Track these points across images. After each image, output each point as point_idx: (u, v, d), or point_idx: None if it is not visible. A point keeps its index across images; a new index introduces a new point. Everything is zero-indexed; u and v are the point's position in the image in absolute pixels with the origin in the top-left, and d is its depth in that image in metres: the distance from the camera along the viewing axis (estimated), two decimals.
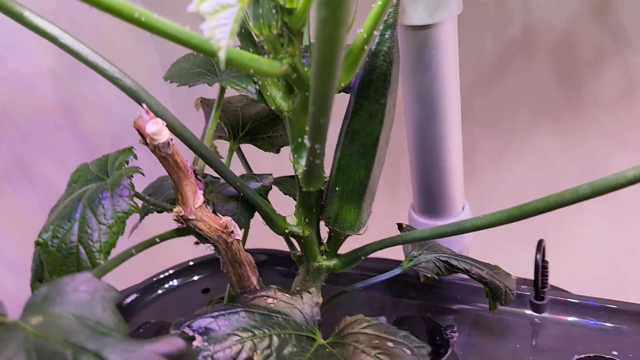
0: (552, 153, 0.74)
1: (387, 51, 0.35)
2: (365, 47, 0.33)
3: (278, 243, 0.56)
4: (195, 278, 0.66)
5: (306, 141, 0.29)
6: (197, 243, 0.41)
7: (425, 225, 0.56)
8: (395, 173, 0.79)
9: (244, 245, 0.44)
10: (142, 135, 0.31)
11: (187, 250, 0.72)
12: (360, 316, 0.33)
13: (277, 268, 0.65)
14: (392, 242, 0.39)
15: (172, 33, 0.26)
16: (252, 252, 0.42)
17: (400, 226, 0.51)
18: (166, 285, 0.64)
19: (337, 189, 0.38)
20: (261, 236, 0.46)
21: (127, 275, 0.62)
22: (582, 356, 0.47)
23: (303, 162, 0.36)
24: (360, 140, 0.37)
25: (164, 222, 0.44)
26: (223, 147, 0.52)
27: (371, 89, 0.36)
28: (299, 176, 0.36)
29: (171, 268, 0.66)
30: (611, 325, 0.50)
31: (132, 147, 0.38)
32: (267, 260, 0.66)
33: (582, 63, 0.67)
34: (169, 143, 0.31)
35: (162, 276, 0.65)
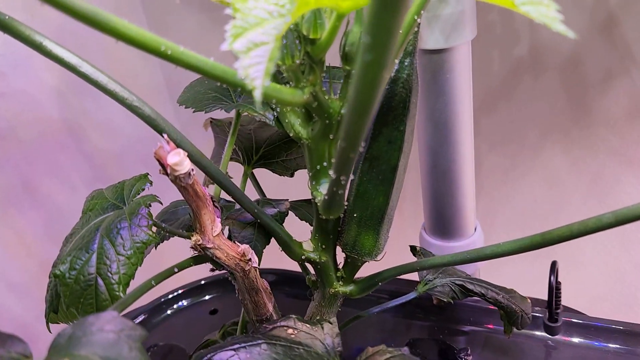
0: (560, 171, 0.74)
1: (406, 78, 0.35)
2: (386, 74, 0.33)
3: (283, 261, 0.56)
4: (206, 298, 0.66)
5: (331, 173, 0.29)
6: (212, 270, 0.40)
7: (437, 246, 0.56)
8: (402, 191, 0.79)
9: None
10: (163, 165, 0.30)
11: (192, 270, 0.71)
12: (382, 347, 0.32)
13: (286, 289, 0.65)
14: (411, 268, 0.39)
15: (198, 65, 0.26)
16: (261, 271, 0.41)
17: (413, 249, 0.51)
18: (175, 306, 0.64)
19: (355, 215, 0.38)
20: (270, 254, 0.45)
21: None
22: None
23: (322, 189, 0.36)
24: (379, 167, 0.36)
25: (177, 246, 0.44)
26: (233, 169, 0.52)
27: (390, 115, 0.36)
28: (319, 204, 0.35)
29: (180, 288, 0.65)
30: (626, 347, 0.49)
31: (148, 174, 0.38)
32: (276, 281, 0.65)
33: (589, 82, 0.67)
34: (189, 174, 0.30)
35: (170, 296, 0.64)
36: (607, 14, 0.62)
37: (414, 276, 0.49)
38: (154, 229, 0.33)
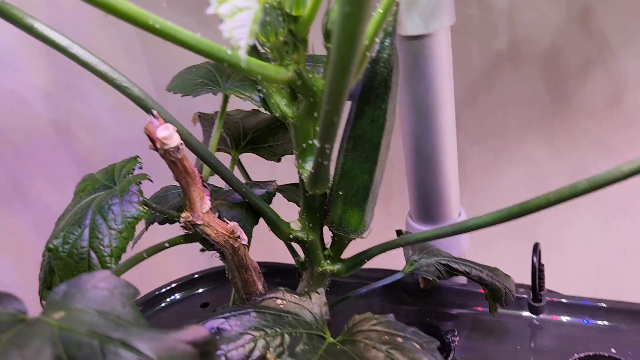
0: (542, 160, 0.76)
1: (387, 58, 0.36)
2: (367, 53, 0.34)
3: (276, 255, 0.57)
4: (199, 291, 0.66)
5: (315, 142, 0.30)
6: (202, 250, 0.41)
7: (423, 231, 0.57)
8: (389, 180, 0.80)
9: (248, 248, 0.45)
10: (153, 140, 0.31)
11: (186, 265, 0.72)
12: (368, 314, 0.33)
13: (277, 280, 0.66)
14: (396, 244, 0.40)
15: (184, 40, 0.27)
16: None
17: (399, 233, 0.52)
18: (168, 299, 0.64)
19: (340, 193, 0.39)
20: (260, 249, 0.46)
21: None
22: (582, 355, 0.47)
23: (308, 166, 0.37)
24: (363, 145, 0.38)
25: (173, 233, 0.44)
26: (221, 160, 0.53)
27: (372, 94, 0.37)
28: (305, 180, 0.37)
29: (174, 281, 0.66)
30: (609, 324, 0.51)
31: (138, 156, 0.39)
32: (267, 273, 0.66)
33: (568, 72, 0.69)
34: (179, 147, 0.31)
35: (164, 290, 0.65)
36: (583, 4, 0.64)
37: (400, 267, 0.50)
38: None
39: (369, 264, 0.58)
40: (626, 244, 0.78)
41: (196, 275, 0.66)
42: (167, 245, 0.35)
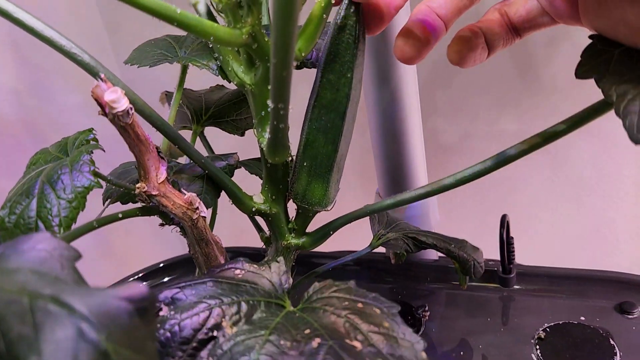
0: (514, 138, 0.76)
1: (353, 25, 0.35)
2: (324, 15, 0.34)
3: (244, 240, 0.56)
4: (165, 280, 0.65)
5: (269, 102, 0.29)
6: (162, 225, 0.40)
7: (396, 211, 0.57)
8: (359, 159, 0.80)
9: (212, 226, 0.44)
10: (101, 105, 0.30)
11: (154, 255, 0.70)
12: (329, 281, 0.32)
13: None
14: (362, 213, 0.40)
15: (147, 4, 0.26)
16: None
17: None
18: None
19: (305, 164, 0.38)
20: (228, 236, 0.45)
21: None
22: (551, 324, 0.48)
23: (267, 134, 0.36)
24: (328, 115, 0.37)
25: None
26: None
27: (337, 63, 0.36)
28: (264, 148, 0.36)
29: (141, 271, 0.65)
30: (577, 292, 0.51)
31: (92, 128, 0.37)
32: (233, 258, 0.66)
33: (535, 48, 0.69)
34: (128, 112, 0.30)
35: (131, 280, 0.64)
36: None
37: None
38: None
39: (339, 246, 0.57)
40: (599, 222, 0.79)
41: (162, 265, 0.65)
42: (120, 216, 0.34)
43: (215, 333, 0.28)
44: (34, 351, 0.17)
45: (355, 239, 0.53)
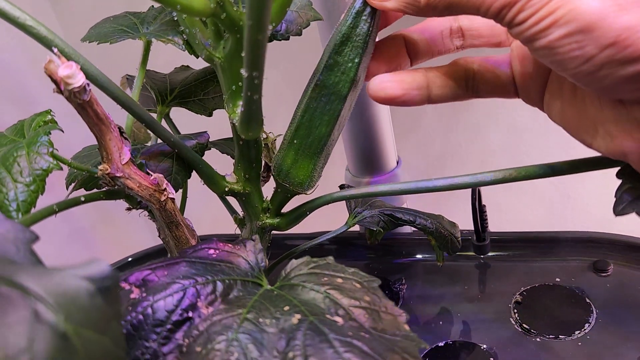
0: (481, 119, 0.77)
1: (371, 12, 0.34)
2: None
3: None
4: None
5: (243, 71, 0.28)
6: (129, 209, 0.38)
7: (362, 182, 0.56)
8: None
9: (182, 210, 0.42)
10: (55, 81, 0.28)
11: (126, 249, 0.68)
12: (307, 258, 0.31)
13: None
14: (339, 197, 0.39)
15: None
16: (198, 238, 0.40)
17: (342, 187, 0.51)
18: None
19: (295, 142, 0.36)
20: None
21: None
22: (528, 287, 0.48)
23: (239, 110, 0.34)
24: (329, 96, 0.35)
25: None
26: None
27: (348, 46, 0.35)
28: (237, 124, 0.34)
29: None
30: (551, 254, 0.51)
31: (50, 110, 0.35)
32: None
33: None
34: (85, 88, 0.28)
35: None
36: None
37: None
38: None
39: (314, 227, 0.56)
40: (570, 189, 0.80)
41: (130, 259, 0.63)
42: (82, 199, 0.32)
43: (190, 314, 0.27)
44: None
45: (330, 219, 0.53)
